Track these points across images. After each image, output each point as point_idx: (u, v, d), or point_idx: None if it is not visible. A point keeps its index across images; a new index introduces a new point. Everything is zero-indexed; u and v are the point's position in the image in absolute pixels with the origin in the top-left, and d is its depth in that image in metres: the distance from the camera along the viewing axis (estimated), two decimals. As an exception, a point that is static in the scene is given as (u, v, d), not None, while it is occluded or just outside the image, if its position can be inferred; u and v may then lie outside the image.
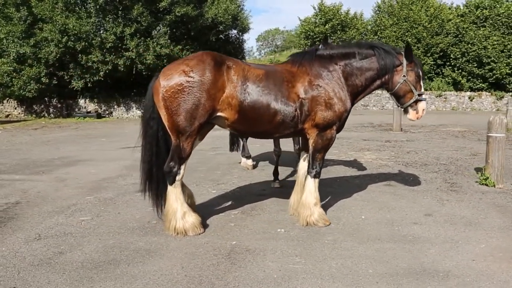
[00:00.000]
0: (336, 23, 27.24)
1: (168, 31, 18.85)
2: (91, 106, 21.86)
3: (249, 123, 4.21)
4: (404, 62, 4.53)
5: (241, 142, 7.97)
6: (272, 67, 4.48)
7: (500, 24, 26.51)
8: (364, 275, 3.35)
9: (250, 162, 7.72)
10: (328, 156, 8.40)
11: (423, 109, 4.69)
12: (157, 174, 4.34)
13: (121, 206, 5.34)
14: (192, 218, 4.23)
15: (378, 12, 30.06)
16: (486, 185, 6.19)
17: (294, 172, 6.51)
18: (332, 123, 4.38)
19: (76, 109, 21.68)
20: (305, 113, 4.30)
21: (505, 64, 26.55)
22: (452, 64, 28.43)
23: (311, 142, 4.49)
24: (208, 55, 4.15)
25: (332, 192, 5.88)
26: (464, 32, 26.85)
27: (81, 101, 21.89)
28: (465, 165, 7.86)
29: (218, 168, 7.81)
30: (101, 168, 7.89)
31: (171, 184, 4.19)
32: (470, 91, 27.79)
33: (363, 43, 4.66)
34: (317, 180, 4.56)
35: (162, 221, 4.54)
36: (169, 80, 3.98)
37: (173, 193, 4.20)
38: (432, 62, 28.12)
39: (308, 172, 4.57)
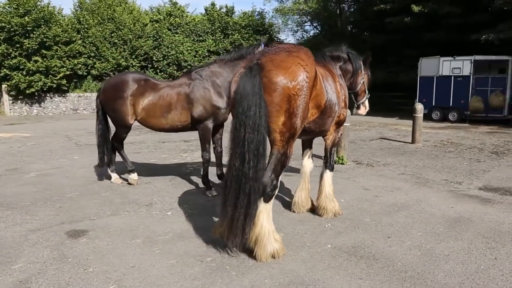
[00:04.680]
0: (40, 17, 23.68)
1: None
2: None
3: (322, 122, 4.14)
4: (362, 66, 5.52)
5: (111, 155, 6.66)
6: None
7: (190, 31, 30.80)
8: (446, 231, 4.40)
9: (135, 176, 6.59)
10: (172, 160, 8.35)
11: (368, 105, 5.85)
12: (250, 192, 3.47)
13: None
14: (278, 235, 3.77)
15: (79, 9, 28.28)
16: (342, 163, 8.08)
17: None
18: (345, 119, 4.88)
19: None
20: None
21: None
22: (155, 66, 30.63)
23: (330, 138, 4.81)
24: (304, 47, 3.76)
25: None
26: (163, 36, 29.45)
27: None
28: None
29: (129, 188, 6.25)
30: None
31: (267, 201, 3.57)
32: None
33: (342, 48, 5.27)
34: (332, 173, 4.94)
35: (230, 249, 3.73)
36: (293, 75, 3.43)
37: (266, 211, 3.64)
38: (138, 64, 29.38)
39: (326, 167, 4.90)
